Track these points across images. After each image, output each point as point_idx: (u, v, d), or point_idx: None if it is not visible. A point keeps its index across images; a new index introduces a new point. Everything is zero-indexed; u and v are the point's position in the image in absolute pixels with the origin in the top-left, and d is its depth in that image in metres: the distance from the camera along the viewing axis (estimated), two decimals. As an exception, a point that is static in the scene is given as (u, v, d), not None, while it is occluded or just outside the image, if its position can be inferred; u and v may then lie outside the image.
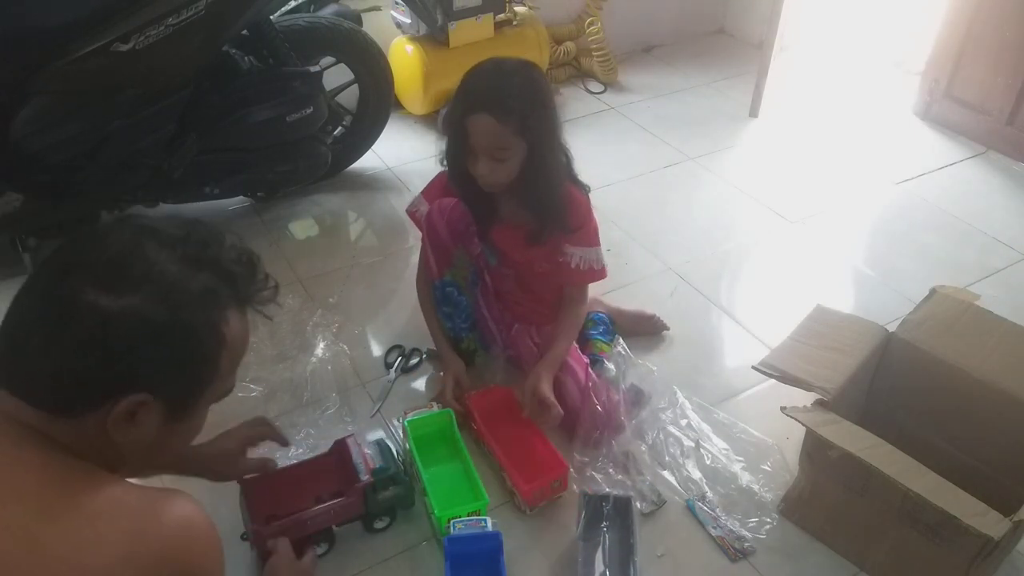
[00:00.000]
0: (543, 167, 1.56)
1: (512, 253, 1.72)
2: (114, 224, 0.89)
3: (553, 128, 1.56)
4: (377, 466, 1.47)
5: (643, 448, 1.64)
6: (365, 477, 1.44)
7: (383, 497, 1.47)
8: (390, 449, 1.53)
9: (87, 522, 0.78)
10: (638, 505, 1.54)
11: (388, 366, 1.87)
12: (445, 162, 1.65)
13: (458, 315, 1.74)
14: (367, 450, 1.51)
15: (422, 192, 1.75)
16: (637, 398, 1.70)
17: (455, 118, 1.54)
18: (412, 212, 1.76)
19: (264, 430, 1.45)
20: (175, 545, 0.82)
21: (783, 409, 1.45)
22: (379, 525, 1.50)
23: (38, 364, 0.82)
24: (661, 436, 1.67)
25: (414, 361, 1.89)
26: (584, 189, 1.68)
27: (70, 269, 0.83)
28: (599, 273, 1.71)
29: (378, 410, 1.77)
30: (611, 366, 1.72)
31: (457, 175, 1.63)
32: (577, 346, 1.77)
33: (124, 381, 0.82)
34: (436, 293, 1.74)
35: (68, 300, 0.81)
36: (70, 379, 0.81)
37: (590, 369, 1.68)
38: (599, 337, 1.84)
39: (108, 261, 0.83)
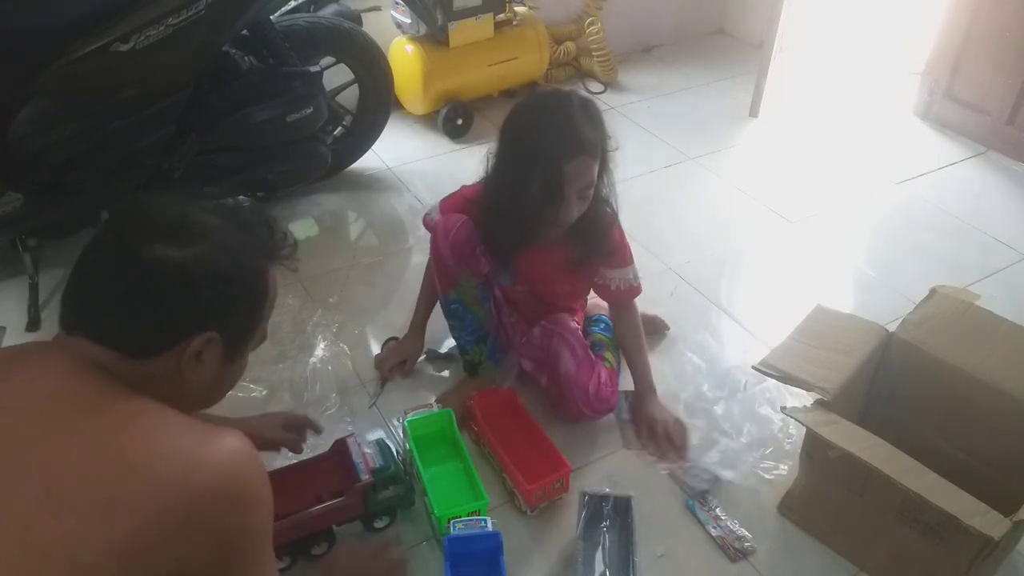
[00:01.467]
0: (601, 192, 1.55)
1: (535, 276, 1.69)
2: (155, 196, 1.01)
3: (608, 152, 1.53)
4: (377, 466, 1.47)
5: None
6: (365, 477, 1.44)
7: (383, 497, 1.47)
8: (390, 449, 1.53)
9: (157, 441, 0.86)
10: (691, 484, 1.59)
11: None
12: (500, 205, 1.56)
13: (464, 329, 1.73)
14: (367, 450, 1.51)
15: (440, 204, 1.69)
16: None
17: (544, 167, 1.43)
18: (425, 216, 1.73)
19: (302, 418, 1.56)
20: (230, 471, 0.88)
21: (783, 409, 1.45)
22: (379, 525, 1.50)
23: (120, 314, 0.91)
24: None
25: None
26: (612, 208, 1.65)
27: (132, 231, 0.93)
28: (636, 290, 1.72)
29: (374, 403, 1.77)
30: (609, 356, 1.75)
31: (514, 219, 1.55)
32: (587, 338, 1.77)
33: (198, 321, 0.93)
34: (442, 308, 1.74)
35: (139, 255, 0.90)
36: (152, 323, 0.92)
37: (588, 348, 1.71)
38: (603, 333, 1.83)
39: (167, 221, 0.94)
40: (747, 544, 1.50)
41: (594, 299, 1.87)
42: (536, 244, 1.62)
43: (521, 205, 1.51)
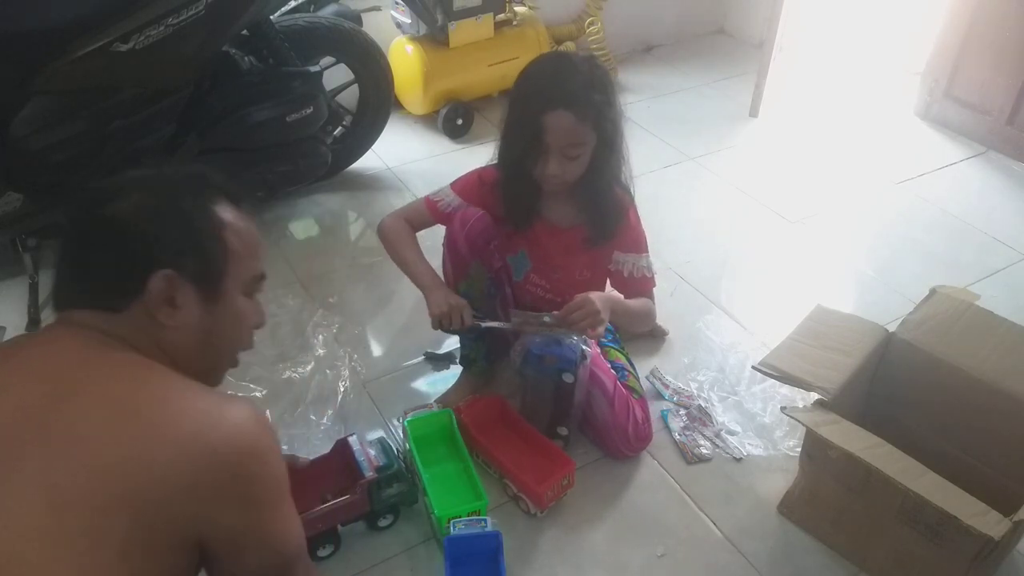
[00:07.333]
0: (608, 163, 1.52)
1: (554, 257, 1.65)
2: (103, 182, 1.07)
3: (621, 121, 1.51)
4: (381, 464, 1.47)
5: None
6: (370, 474, 1.44)
7: (388, 494, 1.47)
8: (391, 447, 1.54)
9: (170, 401, 0.90)
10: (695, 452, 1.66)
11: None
12: (499, 160, 1.57)
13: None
14: (370, 449, 1.51)
15: (452, 186, 1.65)
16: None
17: (526, 116, 1.46)
18: (435, 202, 1.64)
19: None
20: (243, 427, 0.91)
21: (783, 409, 1.45)
22: (383, 523, 1.50)
23: (84, 272, 0.98)
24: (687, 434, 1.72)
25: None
26: (629, 193, 1.63)
27: (84, 205, 1.00)
28: (650, 281, 1.67)
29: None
30: (633, 383, 1.71)
31: (512, 175, 1.55)
32: (604, 358, 1.69)
33: (144, 259, 0.96)
34: None
35: (88, 218, 0.98)
36: (107, 270, 0.97)
37: (618, 383, 1.64)
38: (611, 345, 1.79)
39: (111, 188, 1.01)
40: (704, 452, 1.66)
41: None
42: (544, 211, 1.60)
43: (516, 161, 1.52)
